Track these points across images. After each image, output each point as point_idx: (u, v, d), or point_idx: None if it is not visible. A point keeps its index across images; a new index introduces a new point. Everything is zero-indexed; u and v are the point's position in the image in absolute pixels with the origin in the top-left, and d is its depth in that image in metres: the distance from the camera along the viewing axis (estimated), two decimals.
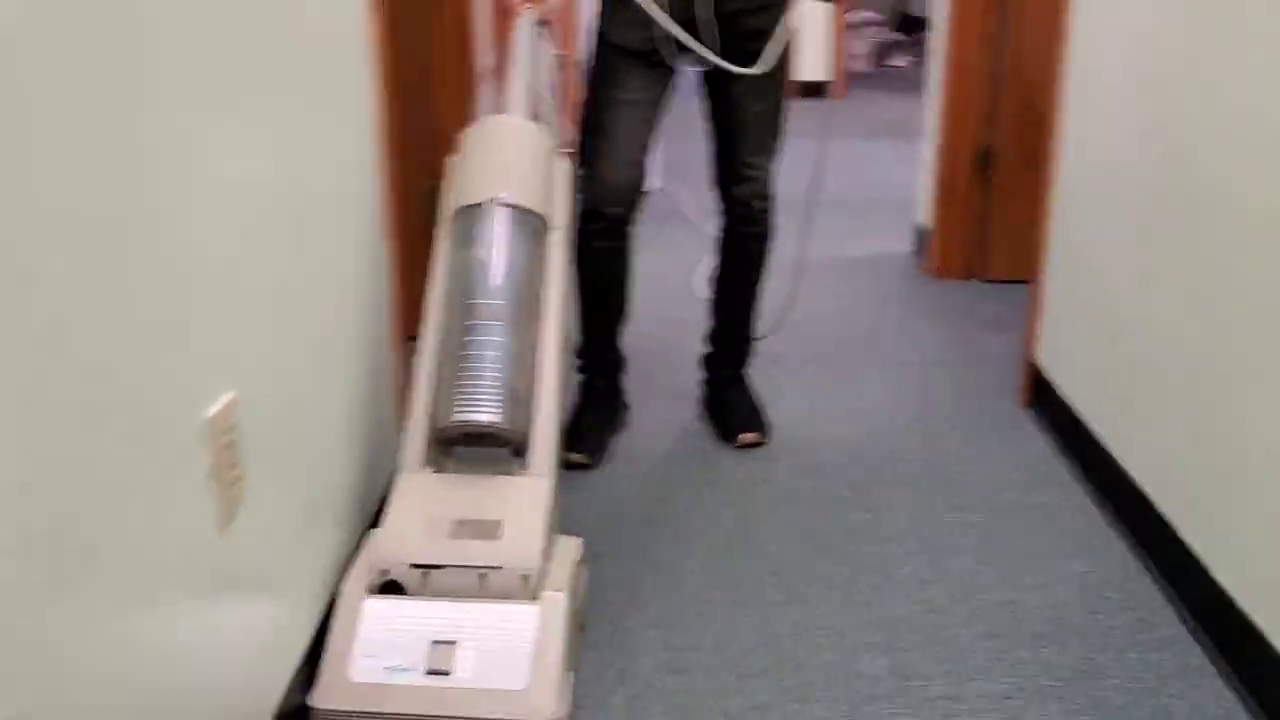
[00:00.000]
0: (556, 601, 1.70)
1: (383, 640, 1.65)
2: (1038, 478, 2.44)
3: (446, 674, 1.63)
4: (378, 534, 1.76)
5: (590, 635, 1.90)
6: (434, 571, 1.70)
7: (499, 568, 1.69)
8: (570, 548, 1.84)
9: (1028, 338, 2.80)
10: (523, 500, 1.78)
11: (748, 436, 2.56)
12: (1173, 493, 2.04)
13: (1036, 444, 2.60)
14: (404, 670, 1.63)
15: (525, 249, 1.94)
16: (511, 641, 1.65)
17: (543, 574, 1.72)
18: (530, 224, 1.97)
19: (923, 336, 3.25)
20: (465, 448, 1.81)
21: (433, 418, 1.82)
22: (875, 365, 3.04)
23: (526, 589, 1.69)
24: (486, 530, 1.72)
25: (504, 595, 1.69)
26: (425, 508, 1.76)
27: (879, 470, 2.47)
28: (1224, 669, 1.80)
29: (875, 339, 3.23)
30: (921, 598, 2.01)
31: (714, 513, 2.30)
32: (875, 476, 2.44)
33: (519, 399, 1.82)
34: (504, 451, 1.82)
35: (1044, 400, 2.70)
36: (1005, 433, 2.66)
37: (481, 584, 1.69)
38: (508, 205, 1.93)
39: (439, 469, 1.83)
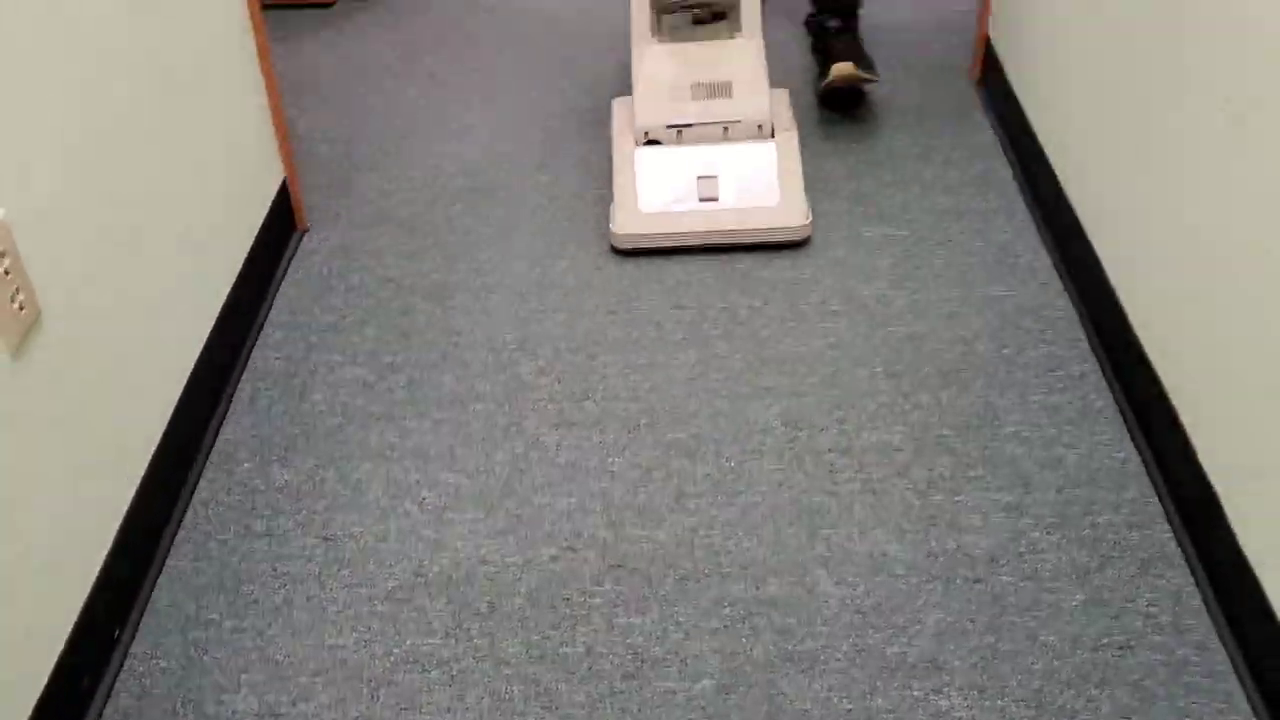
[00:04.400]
0: (790, 139, 2.15)
1: (658, 181, 2.10)
2: (974, 178, 2.30)
3: (715, 200, 2.08)
4: (633, 103, 2.17)
5: None
6: (685, 129, 2.13)
7: (738, 120, 2.13)
8: (782, 97, 2.26)
9: (981, 6, 2.56)
10: (744, 60, 2.17)
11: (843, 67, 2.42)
12: (1101, 219, 1.91)
13: (982, 134, 2.44)
14: (681, 200, 2.08)
15: None
16: (760, 172, 2.10)
17: (772, 118, 2.15)
18: None
19: None
20: (683, 14, 2.22)
21: None
22: None
23: (763, 133, 2.13)
24: (721, 90, 2.13)
25: (743, 139, 2.13)
26: (665, 75, 2.16)
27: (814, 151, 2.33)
28: (1126, 412, 1.75)
29: None
30: (826, 331, 1.94)
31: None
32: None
33: None
34: (721, 19, 2.22)
35: (993, 82, 2.50)
36: (950, 119, 2.48)
37: (725, 135, 2.13)
38: None
39: (665, 40, 2.21)
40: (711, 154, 2.12)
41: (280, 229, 2.12)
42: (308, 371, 1.88)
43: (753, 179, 2.09)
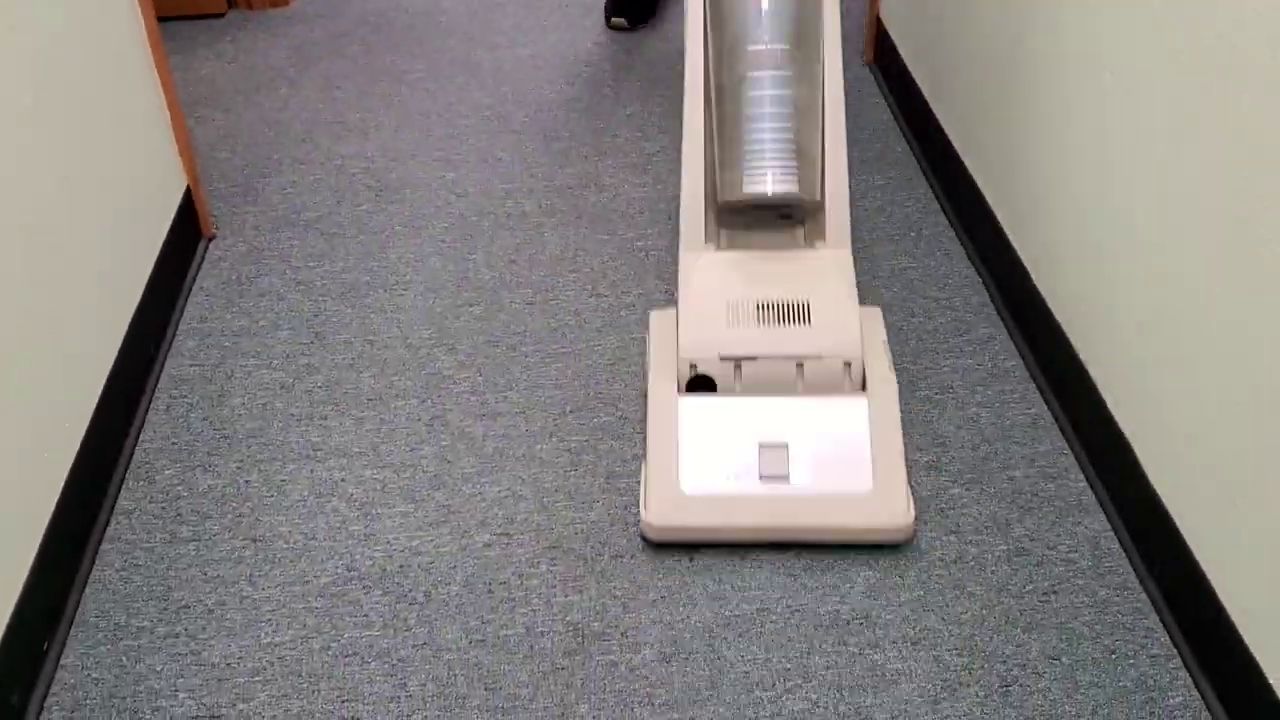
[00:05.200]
0: (888, 392, 1.57)
1: (707, 446, 1.53)
2: (874, 157, 2.35)
3: (785, 479, 1.50)
4: (678, 322, 1.62)
5: None
6: (746, 363, 1.57)
7: (818, 356, 1.56)
8: (874, 319, 1.69)
9: None
10: (828, 276, 1.63)
11: None
12: (999, 186, 1.97)
13: (879, 114, 2.50)
14: (738, 477, 1.51)
15: None
16: (847, 439, 1.53)
17: (863, 358, 1.59)
18: None
19: None
20: (750, 217, 1.68)
21: (713, 188, 1.66)
22: None
23: (849, 379, 1.58)
24: (795, 313, 1.59)
25: (824, 386, 1.57)
26: (723, 292, 1.61)
27: None
28: (1034, 370, 1.81)
29: None
30: None
31: None
32: None
33: (810, 160, 1.60)
34: (795, 222, 1.69)
35: (887, 62, 2.56)
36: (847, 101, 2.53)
37: (799, 375, 1.57)
38: None
39: (722, 246, 1.69)
40: (781, 411, 1.56)
41: (186, 237, 2.09)
42: (224, 377, 1.86)
43: (837, 452, 1.53)
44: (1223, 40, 1.27)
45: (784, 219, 1.69)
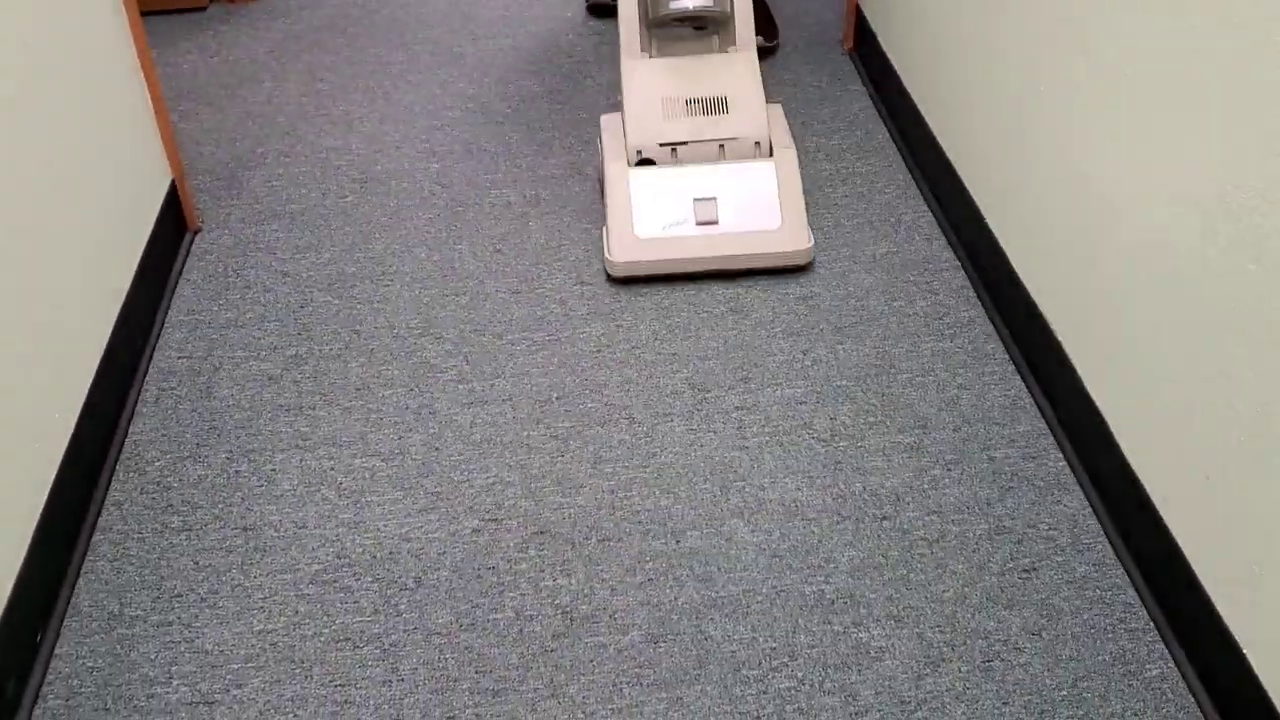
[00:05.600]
0: (789, 157, 2.03)
1: (654, 203, 1.99)
2: (854, 144, 2.37)
3: (715, 223, 1.98)
4: (624, 120, 2.06)
5: None
6: (680, 147, 2.02)
7: (735, 138, 2.03)
8: (777, 112, 2.15)
9: None
10: (740, 74, 2.07)
11: None
12: (978, 171, 2.00)
13: (859, 101, 2.52)
14: (679, 224, 1.98)
15: None
16: (759, 192, 2.00)
17: (769, 136, 2.04)
18: None
19: None
20: (674, 31, 2.10)
21: (644, 7, 2.07)
22: None
23: (759, 152, 2.03)
24: (716, 105, 2.04)
25: (742, 158, 2.03)
26: (658, 91, 2.05)
27: None
28: (1014, 352, 1.83)
29: None
30: (724, 296, 1.99)
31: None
32: None
33: None
34: (710, 33, 2.10)
35: (866, 50, 2.58)
36: (828, 89, 2.56)
37: (720, 153, 2.03)
38: None
39: (653, 54, 2.10)
40: (709, 175, 2.01)
41: (172, 230, 2.10)
42: (211, 369, 1.87)
43: (753, 201, 1.99)
44: (1196, 24, 1.29)
45: (699, 30, 2.11)
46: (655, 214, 1.98)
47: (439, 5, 3.01)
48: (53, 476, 1.53)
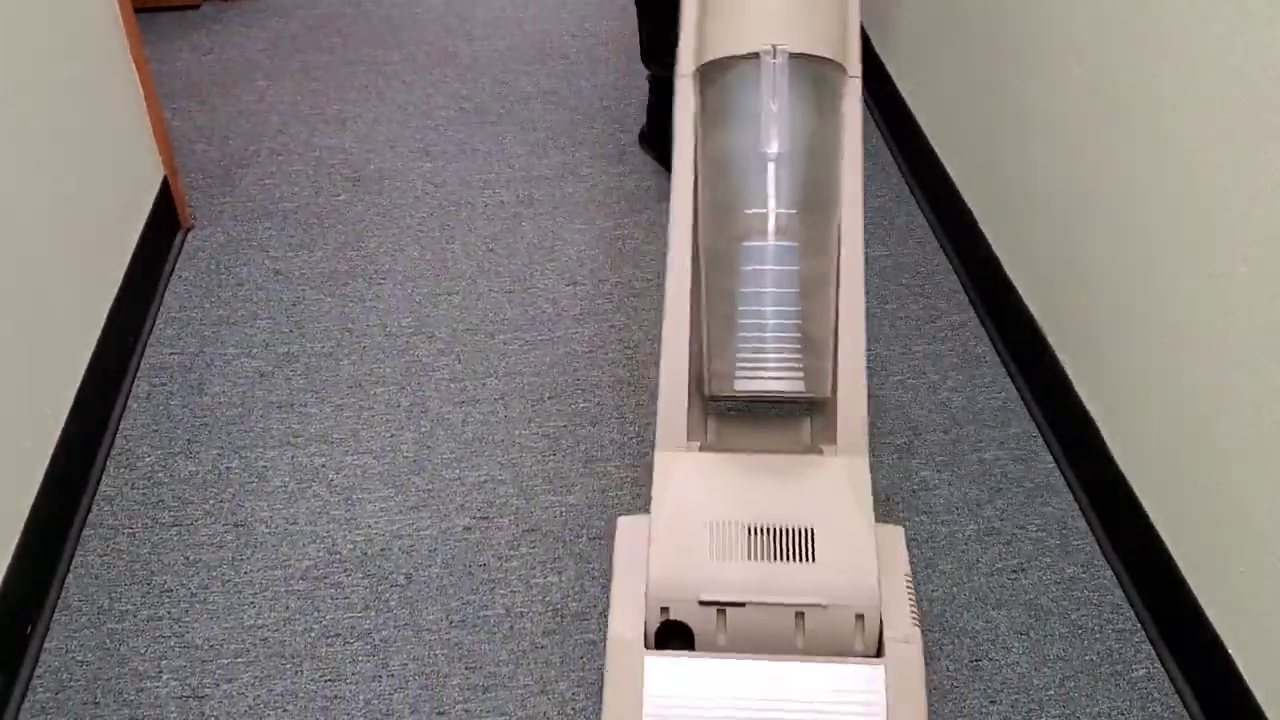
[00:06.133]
0: (911, 655, 1.19)
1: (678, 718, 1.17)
2: None
3: None
4: (649, 547, 1.23)
5: None
6: (731, 610, 1.20)
7: (820, 605, 1.19)
8: (895, 542, 1.29)
9: None
10: (838, 493, 1.26)
11: None
12: (970, 175, 2.00)
13: None
14: None
15: (815, 119, 1.30)
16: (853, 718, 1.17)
17: (880, 609, 1.20)
18: (820, 79, 1.31)
19: None
20: (743, 413, 1.38)
21: (699, 378, 1.32)
22: None
23: (863, 635, 1.19)
24: (795, 542, 1.22)
25: (828, 640, 1.20)
26: (706, 510, 1.25)
27: None
28: (1004, 355, 1.84)
29: None
30: None
31: None
32: None
33: (820, 349, 1.28)
34: (800, 414, 1.38)
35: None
36: None
37: (799, 627, 1.20)
38: (792, 55, 1.28)
39: (708, 445, 1.36)
40: (774, 679, 1.18)
41: (164, 227, 2.10)
42: (203, 365, 1.87)
43: None
44: (1191, 30, 1.30)
45: (788, 411, 1.41)
46: None
47: (433, 5, 3.01)
48: (43, 472, 1.53)
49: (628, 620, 1.22)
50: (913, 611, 1.22)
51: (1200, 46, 1.27)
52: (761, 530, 1.23)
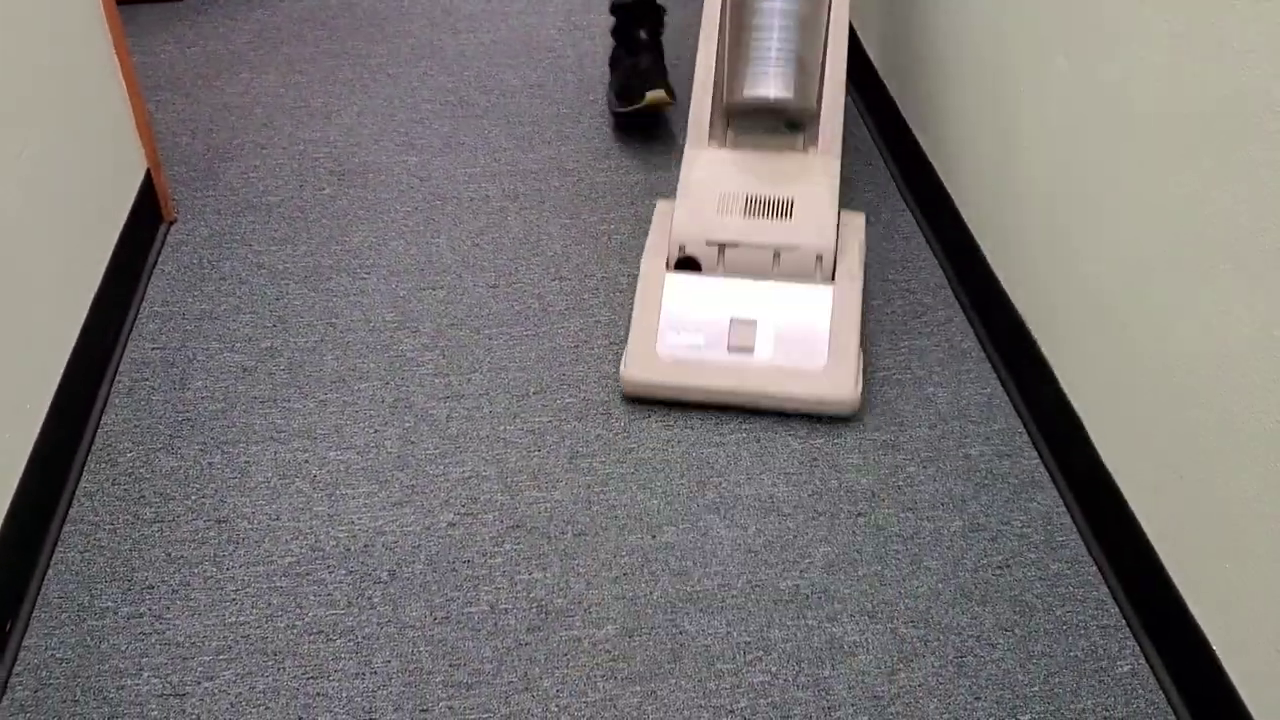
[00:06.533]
0: (852, 287, 1.73)
1: (685, 316, 1.73)
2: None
3: (750, 351, 1.70)
4: (674, 210, 1.80)
5: None
6: (729, 248, 1.75)
7: (795, 247, 1.73)
8: (856, 224, 1.85)
9: None
10: (813, 178, 1.81)
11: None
12: (958, 172, 2.00)
13: None
14: (708, 347, 1.71)
15: None
16: (808, 323, 1.70)
17: (835, 254, 1.75)
18: None
19: None
20: (758, 122, 1.85)
21: (720, 91, 1.85)
22: None
23: (820, 270, 1.74)
24: (779, 208, 1.77)
25: (797, 274, 1.74)
26: (717, 184, 1.81)
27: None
28: (990, 351, 1.84)
29: None
30: None
31: None
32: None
33: (809, 70, 1.78)
34: (797, 130, 1.86)
35: (850, 54, 2.58)
36: None
37: (775, 263, 1.74)
38: None
39: (725, 144, 1.88)
40: (754, 292, 1.74)
41: (147, 220, 2.09)
42: (185, 360, 1.86)
43: (798, 331, 1.70)
44: (1173, 25, 1.30)
45: (791, 127, 1.85)
46: (684, 330, 1.73)
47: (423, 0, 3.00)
48: (23, 467, 1.52)
49: (656, 256, 1.79)
50: (859, 263, 1.77)
51: (1179, 39, 1.27)
52: (755, 199, 1.78)
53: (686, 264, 1.77)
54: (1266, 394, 1.17)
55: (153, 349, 1.88)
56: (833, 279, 1.74)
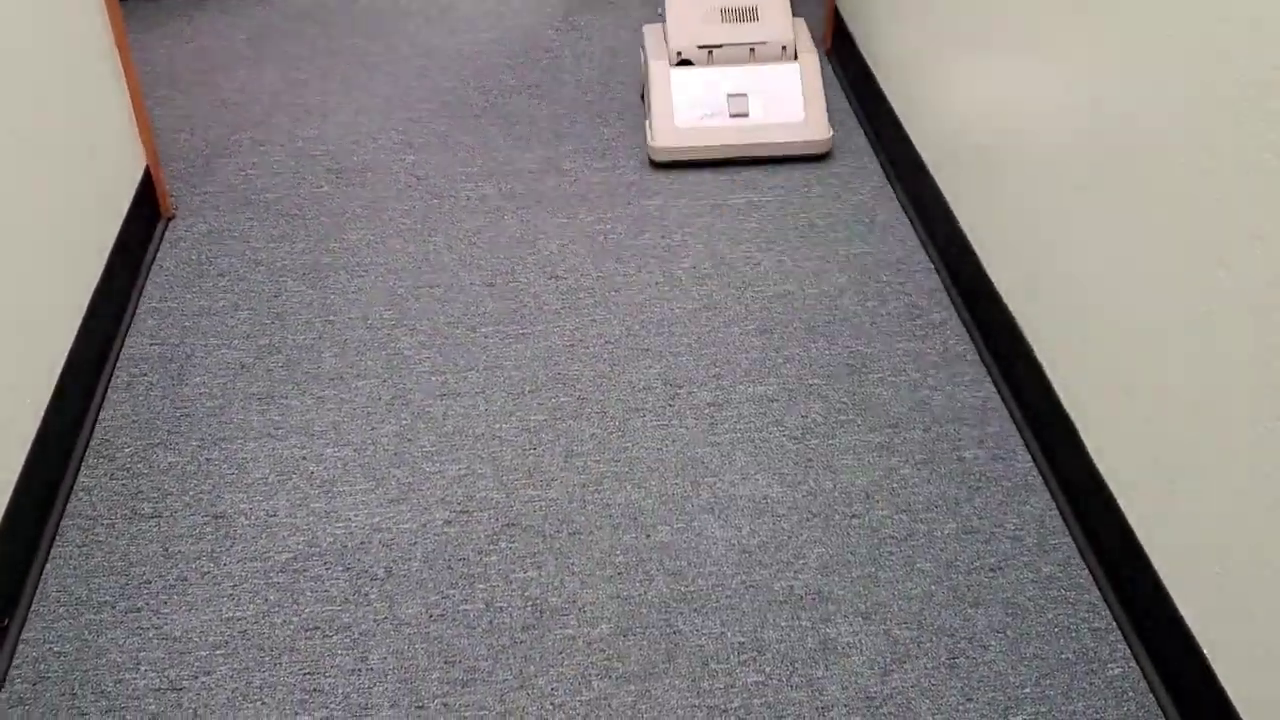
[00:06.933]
0: (812, 60, 2.34)
1: (691, 98, 2.30)
2: (833, 143, 2.38)
3: (745, 115, 2.30)
4: (666, 26, 2.36)
5: None
6: (716, 50, 2.32)
7: (764, 42, 2.33)
8: (801, 24, 2.41)
9: None
10: None
11: None
12: (953, 173, 2.01)
13: (837, 103, 2.53)
14: (714, 115, 2.29)
15: None
16: (785, 89, 2.31)
17: (794, 42, 2.34)
18: None
19: None
20: None
21: None
22: None
23: (786, 54, 2.34)
24: (748, 15, 2.34)
25: (770, 59, 2.33)
26: (696, 2, 2.35)
27: None
28: (985, 354, 1.85)
29: None
30: (699, 294, 2.00)
31: None
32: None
33: None
34: None
35: (843, 51, 2.60)
36: None
37: (751, 56, 2.33)
38: None
39: None
40: (740, 74, 2.32)
41: (146, 217, 2.09)
42: (184, 356, 1.86)
43: (779, 97, 2.29)
44: (1160, 31, 1.31)
45: None
46: (693, 107, 2.28)
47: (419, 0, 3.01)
48: (22, 461, 1.53)
49: (660, 58, 2.34)
50: (811, 45, 2.36)
51: (1177, 42, 1.28)
52: (729, 9, 2.34)
53: (683, 65, 2.33)
54: (1257, 399, 1.18)
55: (151, 345, 1.88)
56: (795, 59, 2.33)
